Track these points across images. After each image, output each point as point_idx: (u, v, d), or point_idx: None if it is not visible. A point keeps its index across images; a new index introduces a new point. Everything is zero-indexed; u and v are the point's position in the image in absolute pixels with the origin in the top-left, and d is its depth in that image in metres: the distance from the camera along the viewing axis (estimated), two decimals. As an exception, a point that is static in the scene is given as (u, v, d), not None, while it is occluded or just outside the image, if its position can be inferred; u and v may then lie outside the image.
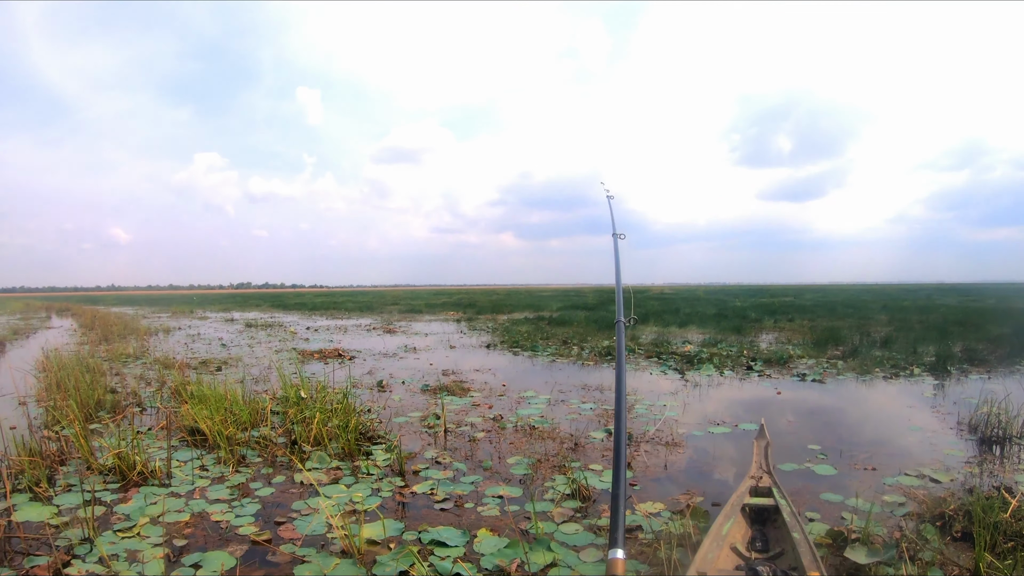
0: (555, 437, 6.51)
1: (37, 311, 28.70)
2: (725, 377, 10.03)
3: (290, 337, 17.58)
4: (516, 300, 42.40)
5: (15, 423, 6.10)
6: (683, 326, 19.22)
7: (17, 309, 29.81)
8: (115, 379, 9.43)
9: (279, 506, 4.65)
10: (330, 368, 11.02)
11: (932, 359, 10.34)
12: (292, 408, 6.72)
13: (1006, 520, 3.57)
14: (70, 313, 27.11)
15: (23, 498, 4.52)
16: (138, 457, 5.14)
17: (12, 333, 16.63)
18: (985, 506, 3.67)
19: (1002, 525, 3.54)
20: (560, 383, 9.75)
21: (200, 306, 36.79)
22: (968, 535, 3.64)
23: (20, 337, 15.97)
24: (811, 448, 5.84)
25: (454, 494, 4.89)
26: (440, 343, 16.18)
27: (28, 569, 3.47)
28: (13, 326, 18.86)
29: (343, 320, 25.63)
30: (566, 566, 3.65)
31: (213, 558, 3.72)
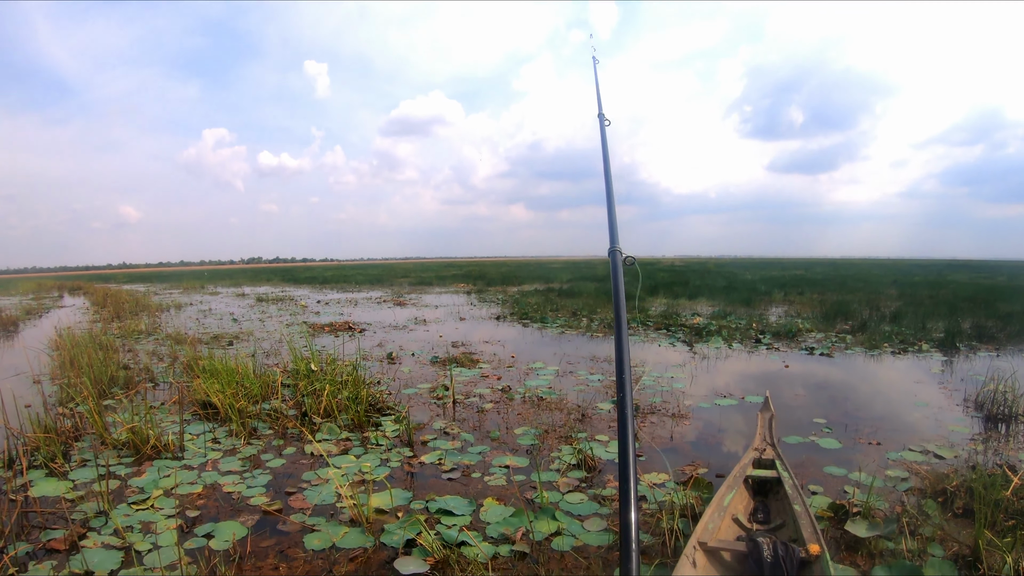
0: (562, 408, 6.55)
1: (49, 291, 28.95)
2: (733, 350, 10.03)
3: (300, 311, 17.67)
4: (526, 272, 42.38)
5: (30, 401, 6.18)
6: (692, 298, 19.17)
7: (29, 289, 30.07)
8: (128, 355, 9.54)
9: (289, 477, 4.73)
10: (340, 341, 11.08)
11: (941, 335, 10.30)
12: (302, 381, 6.79)
13: (1007, 498, 3.56)
14: (82, 292, 27.32)
15: (39, 474, 4.60)
16: (151, 431, 5.21)
17: (25, 313, 16.77)
18: (987, 483, 3.66)
19: (1003, 503, 3.54)
20: (568, 355, 9.79)
21: (211, 281, 36.97)
22: (969, 512, 3.64)
23: (33, 317, 16.13)
24: (816, 421, 5.85)
25: (461, 464, 4.95)
26: (450, 315, 16.22)
27: (45, 543, 3.55)
28: (26, 306, 19.01)
29: (353, 293, 25.71)
30: (570, 535, 3.70)
31: (225, 528, 3.79)
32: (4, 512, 3.85)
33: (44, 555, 3.45)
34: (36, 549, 3.51)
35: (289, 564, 3.41)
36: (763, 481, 3.95)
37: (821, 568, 2.76)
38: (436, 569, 3.32)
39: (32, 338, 11.56)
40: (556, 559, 3.44)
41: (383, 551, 3.55)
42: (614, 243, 2.97)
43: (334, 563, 3.42)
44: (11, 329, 13.36)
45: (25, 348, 9.47)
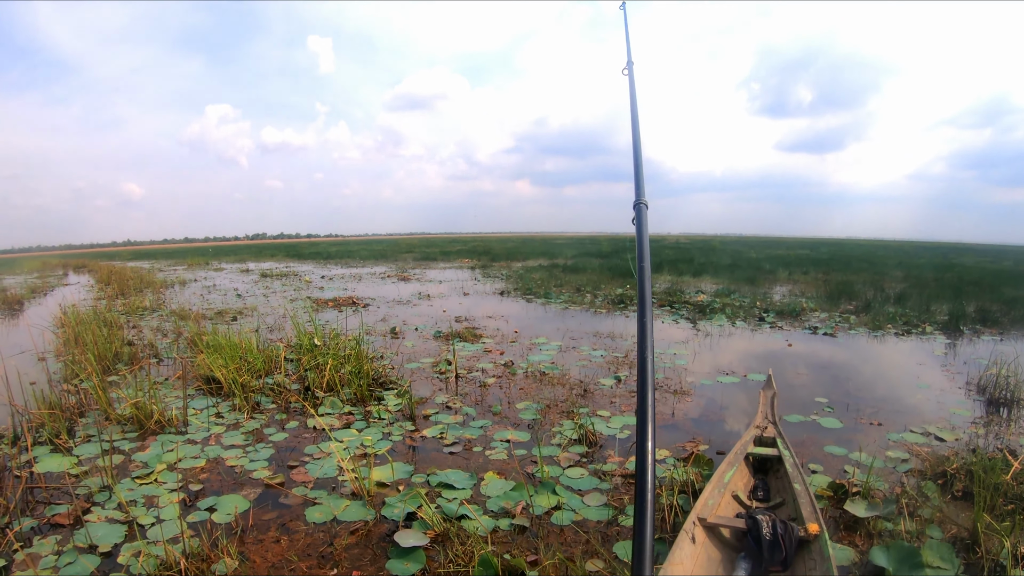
0: (564, 383, 6.56)
1: (54, 269, 28.98)
2: (737, 328, 10.01)
3: (305, 286, 17.70)
4: (530, 248, 42.33)
5: (35, 378, 6.22)
6: (697, 276, 19.13)
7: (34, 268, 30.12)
8: (132, 332, 9.58)
9: (292, 451, 4.75)
10: (344, 316, 11.11)
11: (945, 318, 10.22)
12: (306, 355, 6.80)
13: (1007, 482, 3.55)
14: (86, 269, 27.36)
15: (44, 450, 4.63)
16: (155, 406, 5.24)
17: (30, 291, 16.79)
18: (987, 467, 3.66)
19: (1003, 487, 3.53)
20: (572, 330, 9.79)
21: (216, 258, 37.03)
22: (969, 495, 3.63)
23: (38, 295, 16.14)
24: (818, 401, 5.84)
25: (463, 438, 4.97)
26: (454, 290, 16.23)
27: (49, 518, 3.58)
28: (31, 284, 19.04)
29: (358, 268, 25.73)
30: (570, 509, 3.72)
31: (227, 501, 3.81)
32: (9, 488, 3.88)
33: (48, 530, 3.47)
34: (41, 524, 3.53)
35: (290, 537, 3.43)
36: (764, 459, 3.95)
37: (819, 547, 2.77)
38: (436, 542, 3.33)
39: (37, 316, 11.60)
40: (556, 533, 3.45)
41: (384, 524, 3.58)
42: (640, 195, 2.66)
43: (335, 536, 3.44)
44: (16, 308, 13.40)
45: (30, 326, 9.51)
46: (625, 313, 11.64)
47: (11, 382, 5.29)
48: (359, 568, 3.12)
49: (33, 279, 21.91)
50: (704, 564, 2.90)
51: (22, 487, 3.88)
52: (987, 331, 9.28)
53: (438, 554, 3.22)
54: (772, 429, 4.24)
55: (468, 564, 3.05)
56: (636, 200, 2.64)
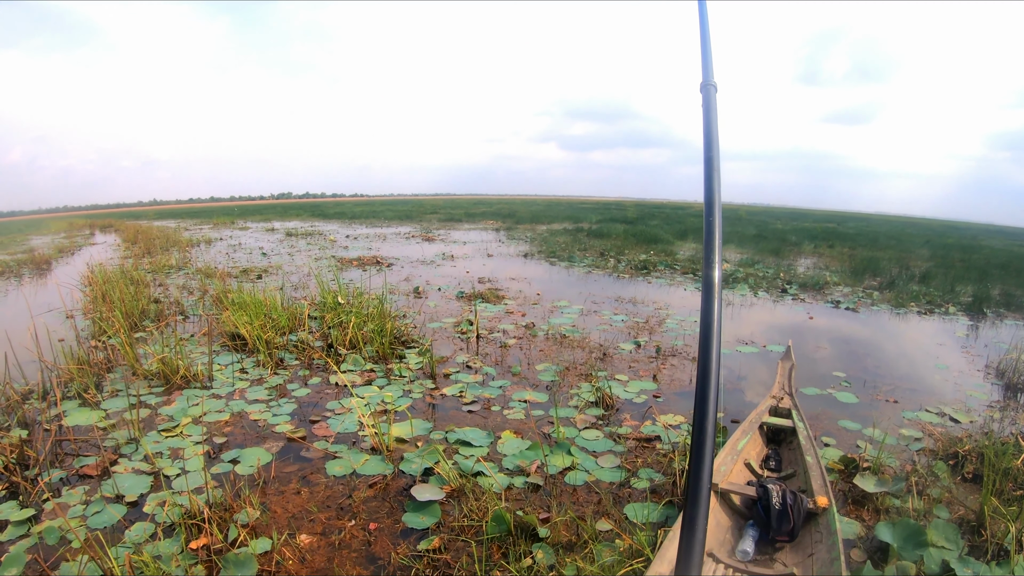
0: (584, 347, 6.57)
1: (80, 229, 29.29)
2: (759, 298, 9.91)
3: (329, 245, 17.81)
4: (556, 211, 42.04)
5: (63, 336, 6.37)
6: (722, 245, 18.87)
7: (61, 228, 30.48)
8: (159, 290, 9.74)
9: (314, 406, 4.84)
10: (368, 275, 11.20)
11: (969, 299, 9.98)
12: (329, 313, 6.88)
13: (1017, 468, 3.51)
14: (113, 229, 27.63)
15: (72, 404, 4.75)
16: (181, 362, 5.36)
17: (57, 251, 17.04)
18: (999, 451, 3.61)
19: (1013, 472, 3.49)
20: (594, 294, 9.77)
21: (241, 217, 37.32)
22: (978, 478, 3.60)
23: (65, 255, 16.39)
24: (836, 375, 5.79)
25: (482, 397, 5.02)
26: (478, 252, 16.23)
27: (78, 469, 3.70)
28: (58, 244, 19.31)
29: (382, 228, 25.78)
30: (584, 470, 3.77)
31: (250, 454, 3.91)
32: (39, 441, 4.00)
33: (77, 481, 3.60)
34: (69, 475, 3.66)
35: (311, 489, 3.52)
36: (778, 429, 3.95)
37: (827, 521, 2.78)
38: (452, 497, 3.40)
39: (65, 275, 11.81)
40: (568, 493, 3.50)
41: (401, 479, 3.65)
42: (708, 74, 1.99)
43: (354, 489, 3.52)
44: (44, 267, 13.65)
45: (58, 285, 9.71)
46: (648, 279, 11.57)
47: (40, 339, 5.43)
48: (376, 520, 3.20)
49: (60, 239, 22.25)
50: (713, 528, 2.92)
51: (52, 440, 4.00)
52: (1011, 315, 9.06)
53: (453, 509, 3.29)
54: (788, 400, 4.22)
55: (482, 519, 3.11)
56: (704, 80, 2.00)
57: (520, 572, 2.66)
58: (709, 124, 1.94)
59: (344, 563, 2.84)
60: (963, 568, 2.73)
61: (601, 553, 2.77)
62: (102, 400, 4.84)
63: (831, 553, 2.54)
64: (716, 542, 2.85)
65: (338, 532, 3.09)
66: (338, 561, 2.85)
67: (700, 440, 1.28)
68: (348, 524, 3.15)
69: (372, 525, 3.15)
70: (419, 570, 2.78)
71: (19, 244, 20.32)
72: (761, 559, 2.75)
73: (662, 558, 2.48)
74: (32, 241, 21.67)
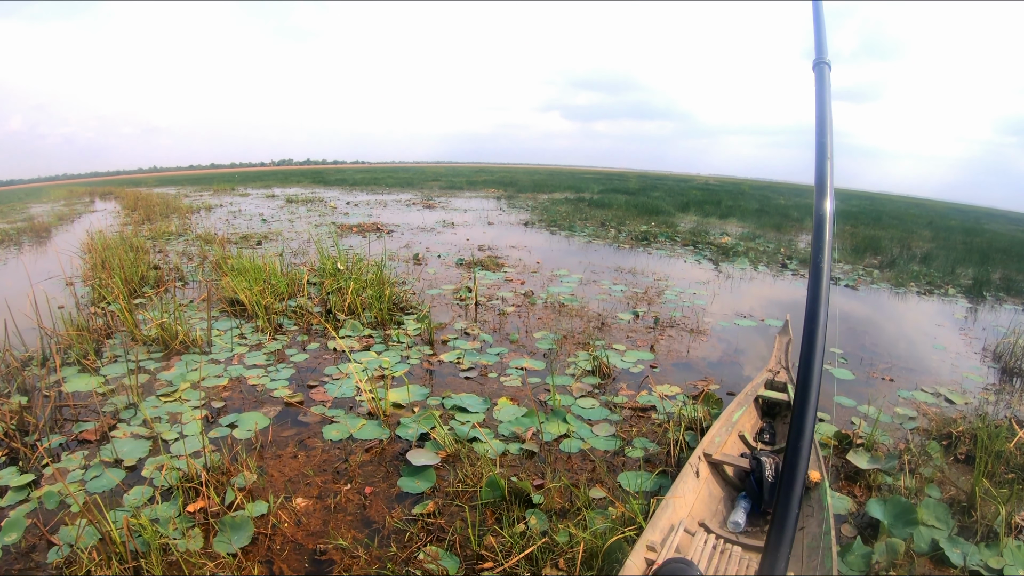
0: (583, 315, 6.58)
1: (80, 196, 29.04)
2: (759, 272, 9.87)
3: (330, 212, 17.72)
4: (558, 180, 41.73)
5: (63, 302, 6.35)
6: (723, 218, 18.79)
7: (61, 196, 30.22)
8: (158, 256, 9.72)
9: (312, 371, 4.86)
10: (367, 241, 11.18)
11: (969, 282, 9.89)
12: (328, 279, 6.89)
13: (1010, 451, 3.52)
14: (113, 196, 27.40)
15: (72, 370, 4.77)
16: (180, 327, 5.37)
17: (57, 219, 16.93)
18: (992, 434, 3.60)
19: (1005, 455, 3.50)
20: (594, 264, 9.76)
21: (241, 183, 37.16)
22: (971, 459, 3.61)
23: (65, 222, 16.26)
24: (833, 351, 5.78)
25: (479, 364, 5.04)
26: (478, 219, 16.17)
27: (77, 435, 3.72)
28: (58, 212, 19.16)
29: (383, 195, 25.64)
30: (579, 438, 3.79)
31: (248, 418, 3.94)
32: (39, 407, 4.03)
33: (76, 446, 3.62)
34: (69, 440, 3.68)
35: (307, 453, 3.54)
36: (773, 403, 3.96)
37: (819, 495, 2.79)
38: (447, 462, 3.43)
39: (64, 243, 11.76)
40: (563, 460, 3.53)
41: (398, 443, 3.68)
42: (821, 52, 1.81)
43: (350, 453, 3.55)
44: (44, 235, 13.60)
45: (58, 252, 9.69)
46: (648, 250, 11.53)
47: (40, 306, 5.42)
48: (372, 484, 3.22)
49: (60, 207, 22.10)
50: (705, 499, 2.95)
51: (51, 406, 4.03)
52: (1010, 300, 8.98)
53: (448, 473, 3.32)
54: (784, 375, 4.23)
55: (476, 484, 3.14)
56: (817, 59, 1.82)
57: (513, 537, 2.68)
58: (822, 105, 1.76)
59: (340, 526, 2.87)
60: (952, 548, 2.76)
61: (594, 520, 2.80)
62: (101, 366, 4.85)
63: (822, 528, 2.56)
64: (708, 512, 2.88)
65: (334, 496, 3.12)
66: (334, 524, 2.88)
67: (796, 445, 1.16)
68: (344, 488, 3.18)
69: (368, 489, 3.18)
70: (414, 534, 2.81)
71: (19, 212, 20.25)
72: (752, 531, 2.78)
73: (654, 526, 2.50)
74: (32, 209, 21.57)
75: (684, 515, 2.72)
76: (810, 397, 1.29)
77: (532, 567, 2.55)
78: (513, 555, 2.58)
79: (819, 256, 1.49)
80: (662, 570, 1.92)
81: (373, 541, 2.76)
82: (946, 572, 2.68)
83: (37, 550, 2.70)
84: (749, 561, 2.41)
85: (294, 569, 2.60)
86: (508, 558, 2.58)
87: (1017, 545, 2.74)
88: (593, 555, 2.53)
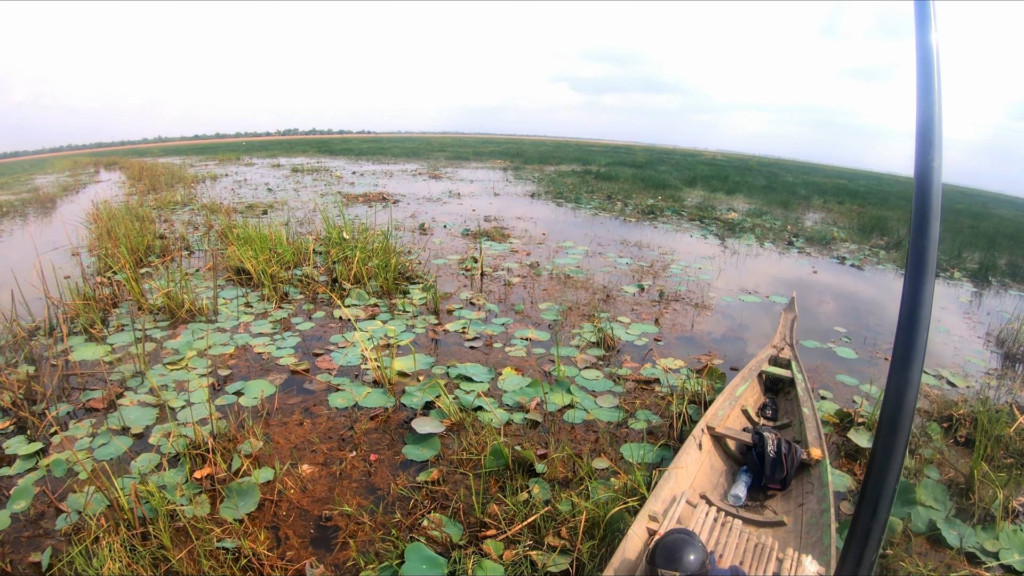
0: (588, 287, 6.58)
1: (85, 167, 28.83)
2: (764, 249, 9.82)
3: (335, 181, 17.65)
4: (565, 153, 41.39)
5: (69, 272, 6.36)
6: (730, 194, 18.62)
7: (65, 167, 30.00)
8: (164, 226, 9.71)
9: (318, 339, 4.88)
10: (373, 211, 11.14)
11: (975, 266, 9.77)
12: (334, 248, 6.88)
13: (1010, 435, 3.51)
14: (118, 167, 27.20)
15: (79, 339, 4.79)
16: (186, 296, 5.39)
17: (62, 190, 16.82)
18: (993, 418, 3.60)
19: (1005, 439, 3.50)
20: (599, 236, 9.73)
21: (247, 153, 36.97)
22: (970, 442, 3.61)
23: (70, 193, 16.17)
24: (837, 330, 5.77)
25: (484, 334, 5.04)
26: (484, 190, 16.09)
27: (84, 403, 3.76)
28: (63, 183, 19.01)
29: (389, 165, 25.51)
30: (582, 409, 3.81)
31: (254, 386, 3.96)
32: (46, 376, 4.05)
33: (84, 414, 3.66)
34: (76, 409, 3.72)
35: (313, 420, 3.57)
36: (776, 379, 3.96)
37: (819, 472, 2.80)
38: (451, 431, 3.45)
39: (70, 213, 11.70)
40: (566, 430, 3.55)
41: (402, 412, 3.70)
42: None
43: (355, 421, 3.58)
44: (49, 206, 13.55)
45: (63, 223, 9.66)
46: (654, 224, 11.47)
47: (46, 276, 5.45)
48: (377, 452, 3.25)
49: (65, 178, 21.98)
50: (707, 471, 2.96)
51: (58, 375, 4.06)
52: (1015, 286, 8.89)
53: (452, 442, 3.34)
54: (788, 351, 4.22)
55: (480, 453, 3.16)
56: None
57: (516, 506, 2.71)
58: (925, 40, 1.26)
59: (344, 493, 2.90)
60: (949, 529, 2.78)
61: (596, 490, 2.81)
62: (108, 335, 4.88)
63: (821, 504, 2.57)
64: (709, 485, 2.89)
65: (339, 463, 3.14)
66: (339, 491, 2.91)
67: (888, 453, 0.90)
68: (349, 455, 3.21)
69: (373, 456, 3.20)
70: (418, 501, 2.84)
71: (23, 184, 20.18)
72: (752, 505, 2.80)
73: (656, 497, 2.51)
74: (36, 180, 21.47)
75: (686, 487, 2.74)
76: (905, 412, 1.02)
77: (535, 535, 2.57)
78: (516, 523, 2.60)
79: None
80: (664, 540, 1.94)
81: (378, 508, 2.79)
82: (942, 552, 2.69)
83: (46, 517, 2.74)
84: (749, 535, 2.43)
85: (299, 535, 2.63)
86: (511, 526, 2.60)
87: (1013, 529, 2.76)
88: (595, 524, 2.55)
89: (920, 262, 0.92)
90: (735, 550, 2.34)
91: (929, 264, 0.92)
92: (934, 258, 0.92)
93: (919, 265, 0.92)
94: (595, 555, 2.46)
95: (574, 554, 2.45)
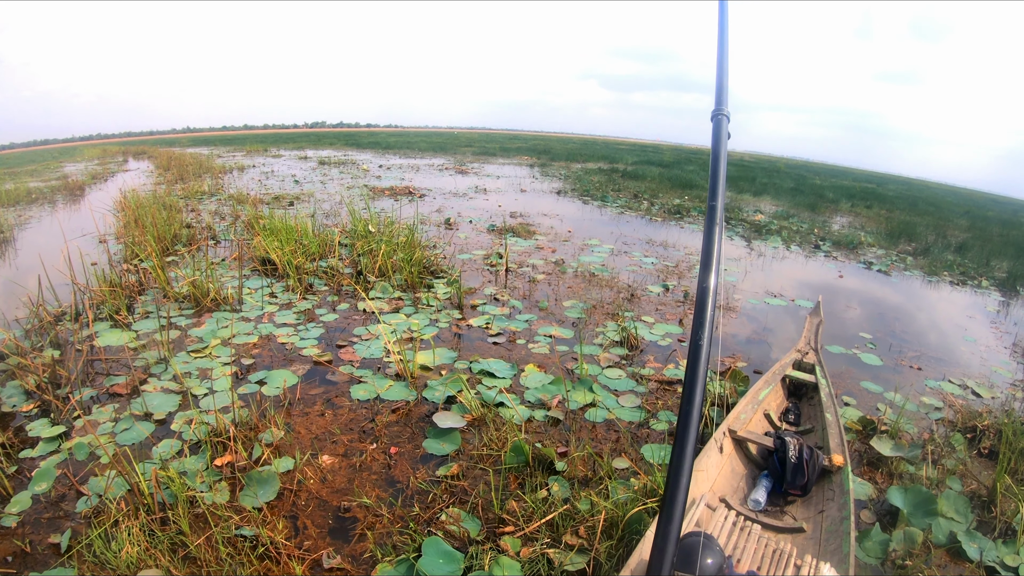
0: (613, 286, 6.54)
1: (114, 156, 29.16)
2: (791, 252, 9.67)
3: (362, 174, 17.71)
4: (591, 150, 41.17)
5: (96, 259, 6.43)
6: (757, 195, 18.38)
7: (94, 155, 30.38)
8: (191, 215, 9.80)
9: (341, 331, 4.90)
10: (399, 204, 11.17)
11: (1004, 275, 9.51)
12: (360, 241, 6.91)
13: None
14: (146, 156, 27.49)
15: (104, 326, 4.85)
16: (211, 285, 5.43)
17: (91, 177, 17.01)
18: (1018, 430, 3.50)
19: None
20: (625, 235, 9.66)
21: (274, 144, 37.26)
22: (994, 454, 3.52)
23: (99, 181, 16.36)
24: (862, 336, 5.66)
25: (508, 330, 5.03)
26: (511, 186, 16.06)
27: (108, 388, 3.80)
28: (92, 171, 19.21)
29: (416, 159, 25.55)
30: (604, 408, 3.78)
31: (277, 376, 3.98)
32: (71, 361, 4.10)
33: (107, 399, 3.70)
34: (100, 394, 3.76)
35: (335, 411, 3.58)
36: (800, 384, 3.90)
37: (841, 479, 2.75)
38: (472, 426, 3.44)
39: (98, 201, 11.83)
40: (588, 429, 3.52)
41: (424, 405, 3.70)
42: (721, 104, 1.99)
43: (377, 413, 3.59)
44: (78, 193, 13.73)
45: (92, 210, 9.76)
46: (680, 224, 11.35)
47: (74, 262, 5.52)
48: (397, 445, 3.25)
49: (94, 166, 22.24)
50: (728, 475, 2.92)
51: (83, 359, 4.10)
52: None
53: (473, 437, 3.34)
54: (813, 356, 4.15)
55: (501, 449, 3.15)
56: (716, 110, 1.95)
57: (535, 503, 2.69)
58: (717, 155, 1.83)
59: (364, 484, 2.90)
60: (970, 542, 2.71)
61: (616, 490, 2.79)
62: (133, 321, 4.94)
63: (842, 512, 2.53)
64: (729, 489, 2.85)
65: (360, 454, 3.15)
66: (358, 482, 2.91)
67: None
68: (370, 447, 3.21)
69: (393, 449, 3.20)
70: (437, 495, 2.83)
71: (53, 171, 20.50)
72: (772, 510, 2.75)
73: None
74: (66, 168, 21.79)
75: (706, 490, 2.70)
76: None
77: (552, 533, 2.55)
78: (534, 520, 2.58)
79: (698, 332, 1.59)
80: (682, 542, 1.90)
81: (396, 500, 2.79)
82: (962, 566, 2.63)
83: (67, 499, 2.78)
84: (767, 540, 2.39)
85: (318, 525, 2.64)
86: (529, 523, 2.59)
87: (1034, 544, 2.68)
88: (614, 524, 2.53)
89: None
90: (753, 555, 2.30)
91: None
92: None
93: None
94: (612, 555, 2.43)
95: (591, 553, 2.43)
